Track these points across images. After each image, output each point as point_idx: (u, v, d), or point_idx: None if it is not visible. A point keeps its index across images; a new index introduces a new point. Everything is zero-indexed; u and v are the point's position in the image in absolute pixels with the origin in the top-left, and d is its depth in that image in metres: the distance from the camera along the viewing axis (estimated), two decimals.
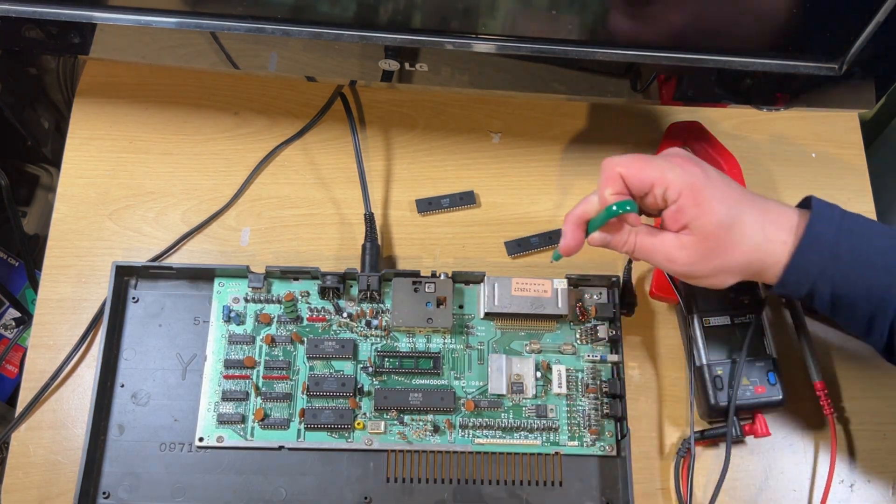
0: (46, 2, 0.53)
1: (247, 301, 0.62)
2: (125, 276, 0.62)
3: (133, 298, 0.62)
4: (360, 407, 0.60)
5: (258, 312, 0.62)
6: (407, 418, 0.60)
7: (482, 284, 0.63)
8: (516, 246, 0.67)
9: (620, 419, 0.60)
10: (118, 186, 0.67)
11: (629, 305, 0.64)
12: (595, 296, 0.64)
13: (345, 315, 0.62)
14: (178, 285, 0.63)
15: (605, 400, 0.61)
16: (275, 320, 0.62)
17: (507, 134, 0.71)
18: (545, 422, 0.60)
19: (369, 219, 0.65)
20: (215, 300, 0.62)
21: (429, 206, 0.68)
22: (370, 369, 0.60)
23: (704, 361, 0.60)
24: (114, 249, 0.65)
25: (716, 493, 0.58)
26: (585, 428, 0.60)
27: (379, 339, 0.62)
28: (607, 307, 0.62)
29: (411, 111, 0.72)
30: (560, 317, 0.62)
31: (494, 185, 0.69)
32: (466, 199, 0.68)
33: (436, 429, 0.59)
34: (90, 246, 0.65)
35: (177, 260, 0.65)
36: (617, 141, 0.71)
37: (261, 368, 0.60)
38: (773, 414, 0.62)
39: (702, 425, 0.61)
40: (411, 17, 0.51)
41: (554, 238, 0.67)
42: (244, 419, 0.59)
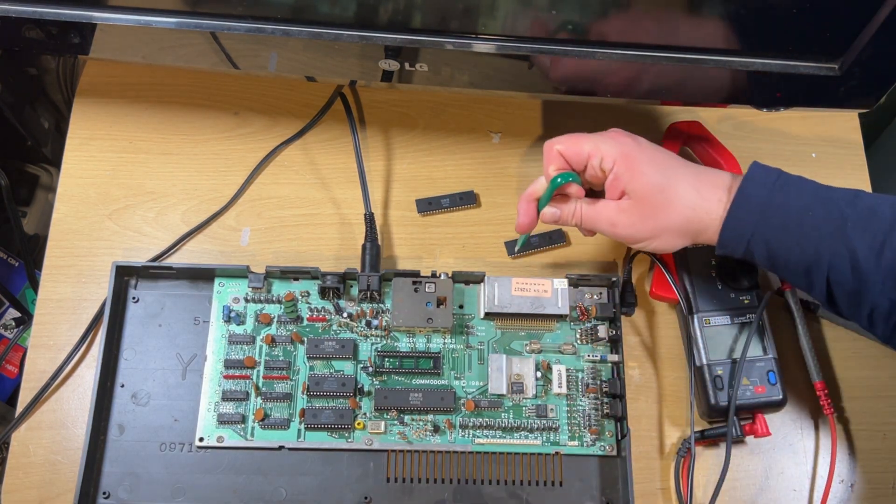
0: (46, 2, 0.53)
1: (247, 301, 0.62)
2: (125, 276, 0.62)
3: (133, 298, 0.62)
4: (361, 407, 0.60)
5: (258, 312, 0.62)
6: (407, 418, 0.60)
7: (482, 284, 0.63)
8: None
9: (620, 419, 0.60)
10: (118, 186, 0.67)
11: (629, 305, 0.64)
12: (595, 296, 0.64)
13: (345, 315, 0.62)
14: (178, 285, 0.63)
15: (606, 400, 0.61)
16: (275, 320, 0.62)
17: (507, 134, 0.71)
18: (545, 422, 0.60)
19: (369, 219, 0.65)
20: (215, 300, 0.62)
21: (429, 206, 0.68)
22: (370, 369, 0.60)
23: (704, 361, 0.60)
24: (114, 249, 0.65)
25: (716, 493, 0.58)
26: (585, 428, 0.60)
27: (379, 339, 0.62)
28: (607, 307, 0.62)
29: (411, 111, 0.72)
30: (560, 317, 0.62)
31: (494, 185, 0.69)
32: (466, 199, 0.68)
33: (436, 429, 0.59)
34: (90, 246, 0.65)
35: (177, 260, 0.65)
36: None
37: (261, 368, 0.60)
38: (773, 414, 0.62)
39: (702, 425, 0.61)
40: (411, 17, 0.51)
41: (554, 238, 0.67)
42: (244, 419, 0.59)
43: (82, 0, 0.53)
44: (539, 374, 0.61)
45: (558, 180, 0.55)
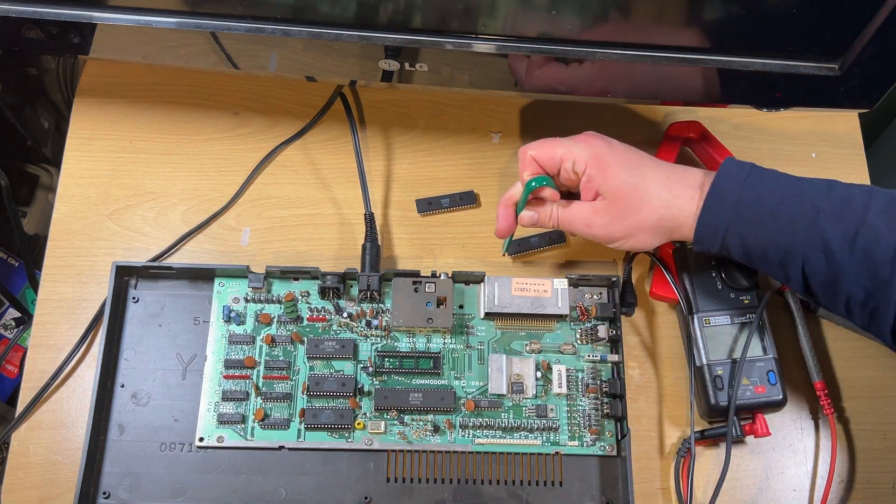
0: (46, 2, 0.53)
1: (247, 301, 0.62)
2: (125, 276, 0.62)
3: (133, 298, 0.62)
4: (361, 407, 0.60)
5: (258, 312, 0.62)
6: (407, 418, 0.60)
7: (482, 284, 0.63)
8: (516, 246, 0.67)
9: (620, 419, 0.60)
10: (118, 186, 0.67)
11: (629, 305, 0.64)
12: (595, 296, 0.64)
13: (345, 315, 0.62)
14: (178, 285, 0.63)
15: (606, 400, 0.61)
16: (275, 320, 0.62)
17: (507, 134, 0.71)
18: (545, 422, 0.60)
19: (369, 219, 0.65)
20: (215, 300, 0.62)
21: (429, 206, 0.68)
22: (370, 369, 0.60)
23: (704, 361, 0.60)
24: (114, 249, 0.65)
25: (716, 493, 0.58)
26: (585, 428, 0.60)
27: (379, 339, 0.62)
28: (607, 307, 0.62)
29: (411, 111, 0.72)
30: (560, 317, 0.62)
31: (494, 185, 0.69)
32: (466, 199, 0.68)
33: (436, 429, 0.59)
34: (90, 246, 0.65)
35: (177, 260, 0.65)
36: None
37: (261, 368, 0.60)
38: (773, 414, 0.62)
39: (702, 425, 0.61)
40: (411, 17, 0.51)
41: (554, 238, 0.67)
42: (244, 419, 0.59)
43: (82, 0, 0.53)
44: (539, 374, 0.61)
45: (532, 184, 0.57)
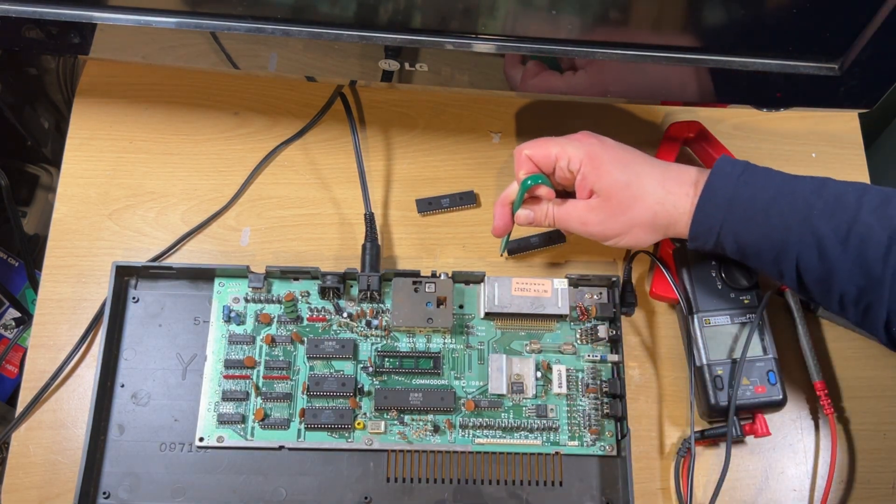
0: (46, 2, 0.53)
1: (247, 301, 0.62)
2: (125, 276, 0.62)
3: (133, 298, 0.62)
4: (361, 407, 0.60)
5: (258, 312, 0.62)
6: (407, 418, 0.60)
7: (482, 284, 0.63)
8: (516, 246, 0.67)
9: (620, 419, 0.60)
10: (118, 186, 0.67)
11: (629, 305, 0.64)
12: (595, 296, 0.64)
13: (345, 315, 0.62)
14: (178, 285, 0.63)
15: (606, 400, 0.61)
16: (275, 320, 0.62)
17: (507, 134, 0.71)
18: (545, 422, 0.60)
19: (369, 219, 0.65)
20: (215, 300, 0.62)
21: (429, 206, 0.68)
22: (370, 369, 0.60)
23: (704, 361, 0.60)
24: (114, 249, 0.65)
25: (716, 493, 0.58)
26: (585, 428, 0.60)
27: (379, 339, 0.62)
28: (607, 307, 0.62)
29: (411, 111, 0.72)
30: (560, 317, 0.62)
31: (494, 185, 0.69)
32: (466, 199, 0.68)
33: (436, 429, 0.59)
34: (90, 246, 0.65)
35: (177, 260, 0.65)
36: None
37: (261, 368, 0.60)
38: (773, 414, 0.62)
39: (702, 425, 0.61)
40: (411, 17, 0.51)
41: (554, 238, 0.67)
42: (244, 419, 0.59)
43: (82, 0, 0.53)
44: (539, 374, 0.61)
45: (528, 182, 0.57)
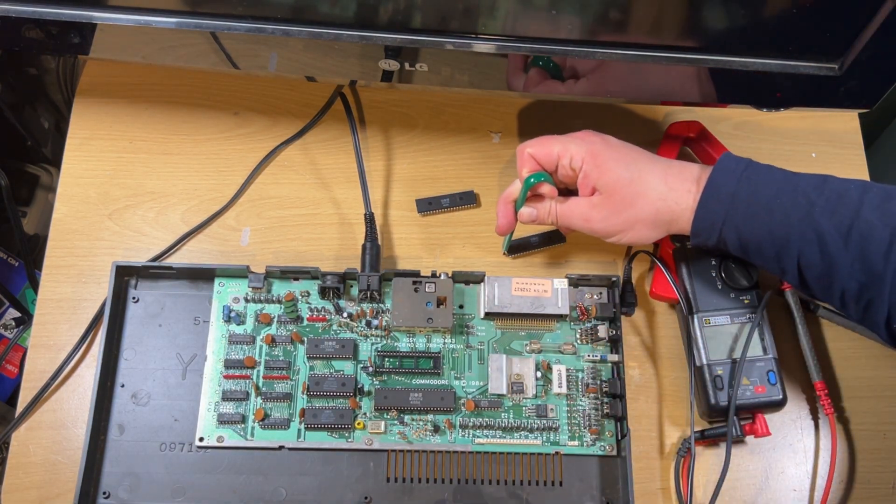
0: (46, 2, 0.53)
1: (247, 301, 0.62)
2: (125, 276, 0.62)
3: (133, 298, 0.62)
4: (361, 407, 0.60)
5: (258, 312, 0.62)
6: (407, 418, 0.60)
7: (482, 284, 0.63)
8: (517, 245, 0.67)
9: (620, 419, 0.60)
10: (118, 186, 0.67)
11: (629, 305, 0.64)
12: (595, 296, 0.64)
13: (345, 315, 0.62)
14: (179, 285, 0.63)
15: (606, 400, 0.61)
16: (275, 320, 0.62)
17: (507, 134, 0.71)
18: (545, 422, 0.60)
19: (369, 219, 0.65)
20: (215, 300, 0.62)
21: (429, 206, 0.68)
22: (370, 369, 0.60)
23: (704, 361, 0.60)
24: (114, 249, 0.65)
25: (716, 493, 0.58)
26: (585, 428, 0.60)
27: (379, 339, 0.62)
28: (607, 307, 0.62)
29: (411, 111, 0.72)
30: (560, 317, 0.62)
31: (494, 185, 0.69)
32: (466, 199, 0.68)
33: (436, 429, 0.59)
34: (90, 246, 0.65)
35: (177, 260, 0.65)
36: None
37: (261, 368, 0.60)
38: (773, 414, 0.62)
39: (702, 425, 0.61)
40: (411, 17, 0.51)
41: (554, 238, 0.67)
42: (244, 419, 0.59)
43: (82, 0, 0.53)
44: (539, 374, 0.61)
45: (531, 180, 0.58)
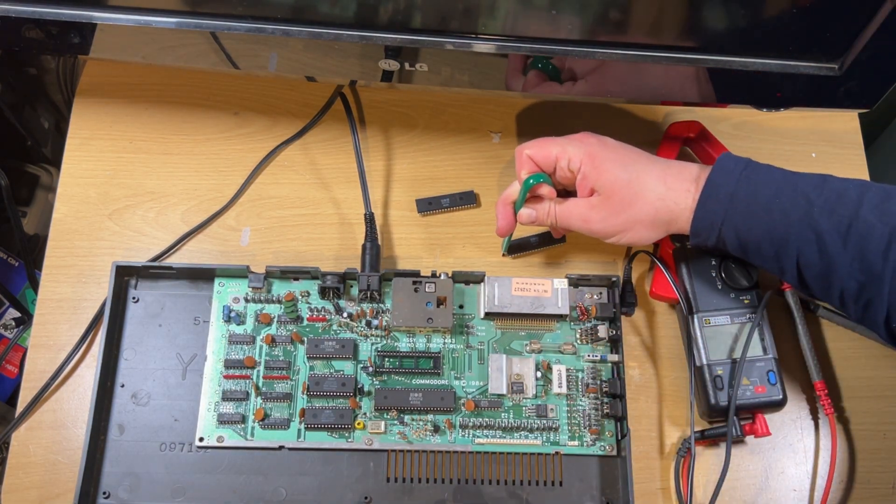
0: (46, 2, 0.53)
1: (247, 301, 0.62)
2: (125, 276, 0.62)
3: (133, 298, 0.62)
4: (361, 407, 0.60)
5: (258, 312, 0.62)
6: (407, 418, 0.60)
7: (482, 284, 0.63)
8: (516, 246, 0.67)
9: (620, 419, 0.60)
10: (118, 186, 0.67)
11: (629, 305, 0.64)
12: (595, 296, 0.64)
13: (345, 315, 0.62)
14: (179, 285, 0.63)
15: (606, 400, 0.61)
16: (275, 320, 0.62)
17: (507, 134, 0.71)
18: (545, 422, 0.60)
19: (369, 219, 0.65)
20: (215, 300, 0.62)
21: (429, 206, 0.68)
22: (370, 369, 0.60)
23: (705, 361, 0.60)
24: (114, 249, 0.65)
25: (716, 493, 0.58)
26: (586, 428, 0.60)
27: (379, 339, 0.62)
28: (607, 307, 0.62)
29: (411, 111, 0.72)
30: (560, 317, 0.62)
31: (494, 185, 0.69)
32: (466, 199, 0.68)
33: (436, 429, 0.59)
34: (90, 246, 0.65)
35: (177, 260, 0.65)
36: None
37: (261, 368, 0.60)
38: (773, 414, 0.62)
39: (702, 425, 0.61)
40: (411, 17, 0.51)
41: (552, 238, 0.67)
42: (244, 419, 0.59)
43: (82, 0, 0.53)
44: (539, 374, 0.61)
45: (530, 182, 0.58)
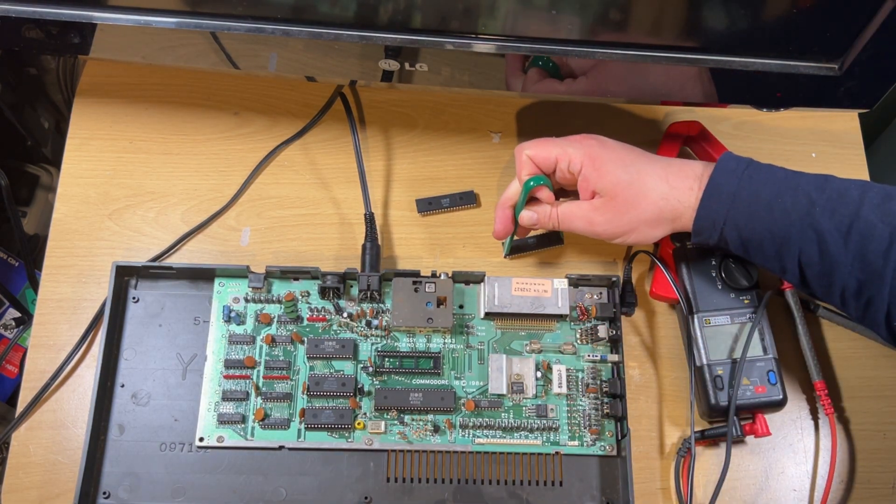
0: (46, 2, 0.53)
1: (247, 301, 0.62)
2: (125, 276, 0.62)
3: (133, 298, 0.62)
4: (361, 407, 0.60)
5: (258, 312, 0.62)
6: (407, 418, 0.60)
7: (482, 284, 0.63)
8: (515, 247, 0.67)
9: (621, 419, 0.60)
10: (118, 186, 0.67)
11: (629, 305, 0.64)
12: (595, 296, 0.64)
13: (345, 315, 0.62)
14: (179, 285, 0.63)
15: (606, 400, 0.61)
16: (275, 320, 0.62)
17: (507, 134, 0.71)
18: (545, 422, 0.60)
19: (369, 219, 0.65)
20: (215, 300, 0.62)
21: (429, 206, 0.68)
22: (370, 369, 0.60)
23: (705, 361, 0.60)
24: (114, 249, 0.65)
25: (716, 493, 0.58)
26: (586, 428, 0.60)
27: (379, 339, 0.62)
28: (607, 307, 0.62)
29: (411, 111, 0.72)
30: (560, 317, 0.62)
31: (494, 186, 0.69)
32: (466, 199, 0.68)
33: (436, 429, 0.59)
34: (90, 246, 0.65)
35: (177, 260, 0.65)
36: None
37: (261, 368, 0.60)
38: (773, 414, 0.62)
39: (702, 425, 0.61)
40: (411, 17, 0.51)
41: (551, 239, 0.67)
42: (244, 419, 0.59)
43: (82, 0, 0.53)
44: (539, 374, 0.61)
45: (531, 184, 0.58)
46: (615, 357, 0.61)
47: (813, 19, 0.49)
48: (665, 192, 0.55)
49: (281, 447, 0.59)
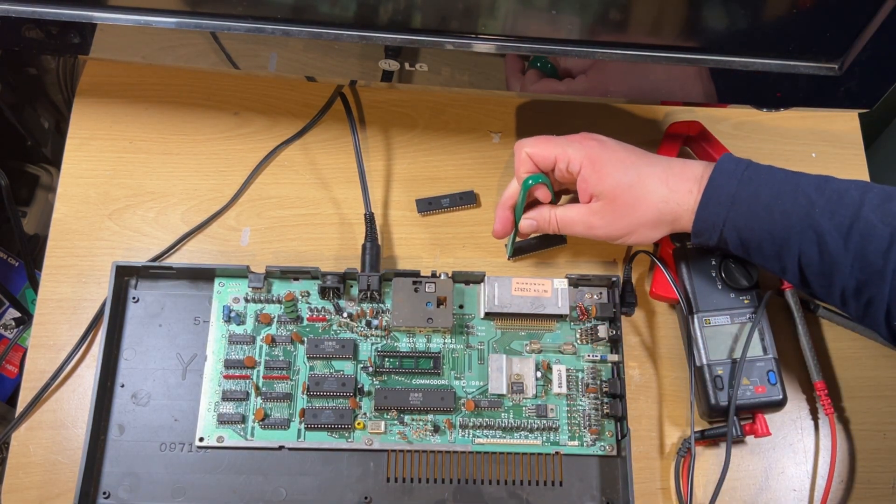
0: (46, 2, 0.53)
1: (247, 301, 0.62)
2: (125, 276, 0.62)
3: (133, 298, 0.62)
4: (361, 407, 0.60)
5: (258, 312, 0.62)
6: (407, 418, 0.60)
7: (482, 284, 0.63)
8: (518, 248, 0.66)
9: (620, 419, 0.60)
10: (118, 186, 0.67)
11: (629, 305, 0.64)
12: (595, 296, 0.64)
13: (345, 315, 0.62)
14: (179, 285, 0.63)
15: (606, 400, 0.61)
16: (275, 320, 0.62)
17: (507, 134, 0.71)
18: (545, 422, 0.60)
19: (369, 219, 0.65)
20: (215, 300, 0.62)
21: (429, 206, 0.68)
22: (370, 369, 0.60)
23: (705, 361, 0.60)
24: (114, 249, 0.65)
25: (716, 493, 0.58)
26: (586, 428, 0.60)
27: (379, 339, 0.62)
28: (607, 307, 0.62)
29: (411, 111, 0.72)
30: (560, 317, 0.62)
31: (494, 185, 0.69)
32: (466, 199, 0.68)
33: (436, 429, 0.59)
34: (90, 246, 0.65)
35: (177, 260, 0.65)
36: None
37: (261, 368, 0.60)
38: (773, 414, 0.62)
39: (702, 425, 0.61)
40: (411, 17, 0.51)
41: (553, 239, 0.67)
42: (244, 419, 0.59)
43: (82, 0, 0.53)
44: (539, 374, 0.61)
45: (529, 182, 0.58)
46: (615, 357, 0.61)
47: (813, 19, 0.49)
48: (665, 195, 0.55)
49: (281, 447, 0.59)
